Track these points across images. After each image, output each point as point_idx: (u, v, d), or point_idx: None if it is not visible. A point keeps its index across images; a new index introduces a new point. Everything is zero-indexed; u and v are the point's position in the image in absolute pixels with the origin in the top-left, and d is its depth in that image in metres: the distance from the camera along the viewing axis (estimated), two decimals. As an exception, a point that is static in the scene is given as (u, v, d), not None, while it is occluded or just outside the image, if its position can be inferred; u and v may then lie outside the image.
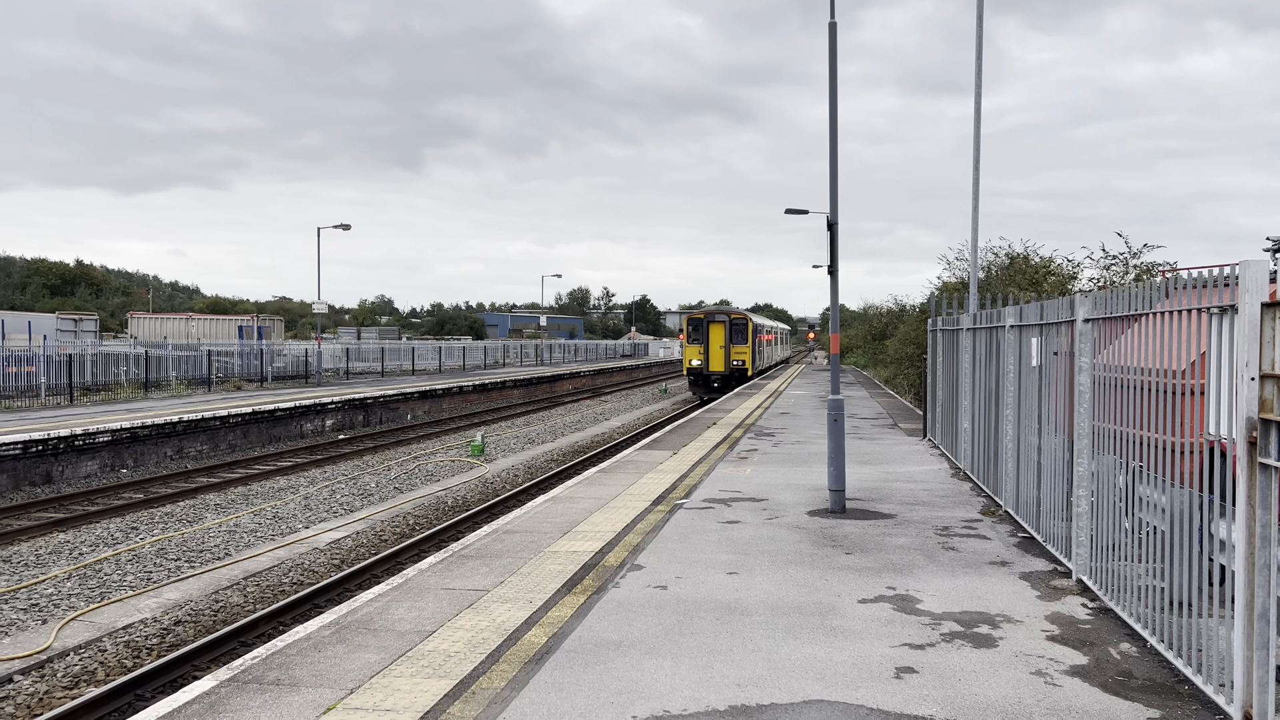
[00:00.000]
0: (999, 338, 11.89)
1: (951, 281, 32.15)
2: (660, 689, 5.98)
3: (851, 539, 10.34)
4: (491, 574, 8.90)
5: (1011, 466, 11.20)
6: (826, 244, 12.63)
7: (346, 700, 5.84)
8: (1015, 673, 6.24)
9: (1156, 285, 6.98)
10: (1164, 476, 6.56)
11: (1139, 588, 6.98)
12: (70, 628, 10.83)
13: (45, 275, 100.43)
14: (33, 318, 52.98)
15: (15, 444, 19.94)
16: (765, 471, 15.45)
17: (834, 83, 12.59)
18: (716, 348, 44.07)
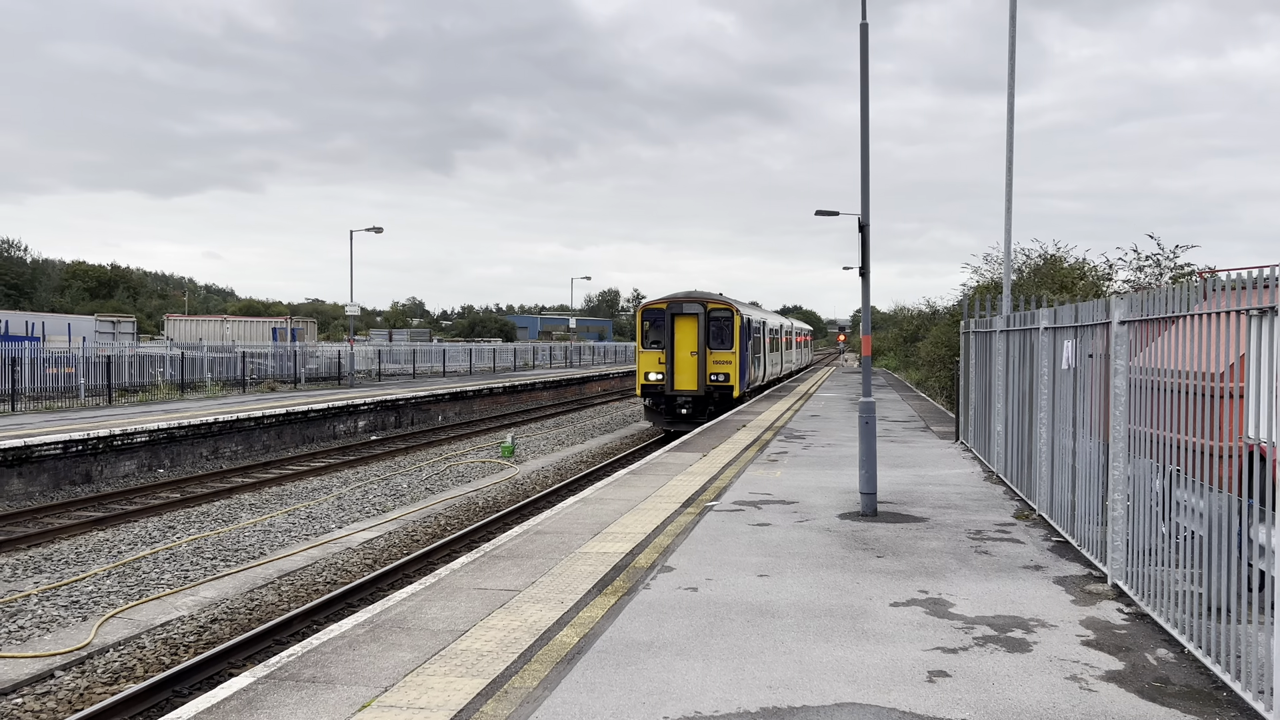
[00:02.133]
0: (1033, 340, 11.79)
1: (981, 284, 31.86)
2: (691, 690, 5.99)
3: (883, 542, 10.30)
4: (523, 574, 8.95)
5: (1045, 470, 11.10)
6: (858, 245, 12.59)
7: (381, 698, 5.90)
8: (1050, 677, 6.19)
9: (1194, 287, 6.90)
10: (1202, 480, 6.48)
11: (1176, 593, 6.90)
12: (110, 625, 11.01)
13: (84, 278, 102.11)
14: (72, 320, 53.96)
15: (56, 444, 20.29)
16: (795, 474, 15.40)
17: (865, 84, 12.54)
18: (685, 354, 29.22)
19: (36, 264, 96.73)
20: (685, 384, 29.26)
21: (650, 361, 29.45)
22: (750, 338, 31.74)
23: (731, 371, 29.20)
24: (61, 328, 49.48)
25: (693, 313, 29.37)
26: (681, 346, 29.33)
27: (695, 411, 29.19)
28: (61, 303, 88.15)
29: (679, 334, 29.37)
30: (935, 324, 48.54)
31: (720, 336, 29.34)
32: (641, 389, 29.73)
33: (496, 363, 63.16)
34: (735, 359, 29.20)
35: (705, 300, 29.71)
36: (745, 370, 30.67)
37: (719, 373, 29.26)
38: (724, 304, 29.73)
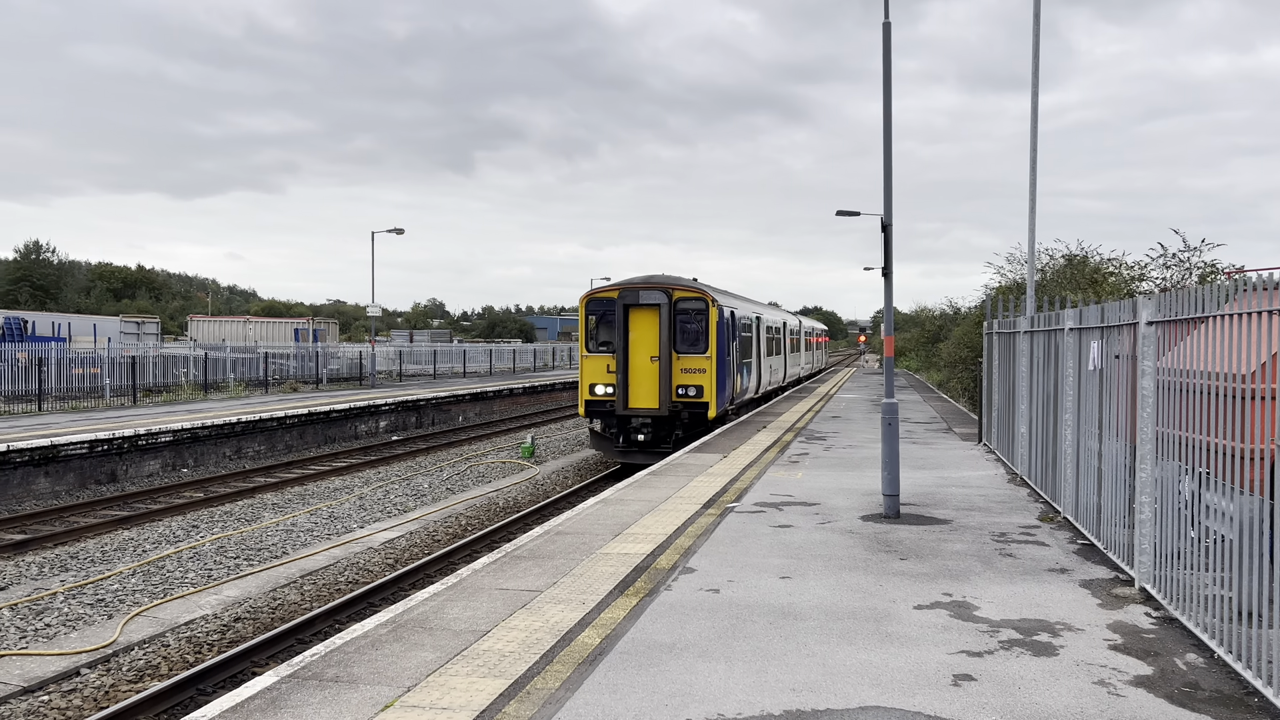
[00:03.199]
0: (1058, 341, 11.68)
1: (1004, 285, 31.63)
2: (714, 692, 5.96)
3: (906, 544, 10.23)
4: (544, 575, 8.95)
5: (1070, 472, 10.99)
6: (880, 245, 12.52)
7: (404, 698, 5.91)
8: (1077, 682, 6.12)
9: (1223, 287, 6.82)
10: (1231, 483, 6.40)
11: (1205, 597, 6.81)
12: (134, 623, 11.10)
13: (109, 279, 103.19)
14: (97, 321, 54.51)
15: (82, 444, 20.49)
16: (817, 475, 15.34)
17: (888, 84, 12.48)
18: (643, 360, 22.33)
19: (63, 265, 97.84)
20: (642, 400, 21.88)
21: (596, 370, 22.25)
22: (736, 337, 24.71)
23: (706, 383, 21.97)
24: (87, 328, 49.98)
25: (652, 304, 21.87)
26: (638, 349, 22.01)
27: (656, 437, 21.91)
28: (87, 303, 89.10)
29: (635, 332, 21.99)
30: (957, 325, 48.23)
31: (691, 336, 22.21)
32: (585, 407, 22.41)
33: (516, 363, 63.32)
34: (711, 366, 22.06)
35: (670, 287, 22.18)
36: (727, 380, 23.38)
37: (689, 385, 21.96)
38: (695, 292, 22.31)
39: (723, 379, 22.87)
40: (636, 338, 22.21)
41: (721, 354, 22.73)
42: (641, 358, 22.14)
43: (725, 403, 23.61)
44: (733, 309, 24.70)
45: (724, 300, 24.18)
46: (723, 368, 22.86)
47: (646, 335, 22.15)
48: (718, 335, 22.40)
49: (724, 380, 23.09)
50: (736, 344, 25.03)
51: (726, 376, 23.44)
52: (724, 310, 23.27)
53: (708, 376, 22.15)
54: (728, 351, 23.52)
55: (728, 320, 23.58)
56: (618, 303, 22.15)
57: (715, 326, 22.33)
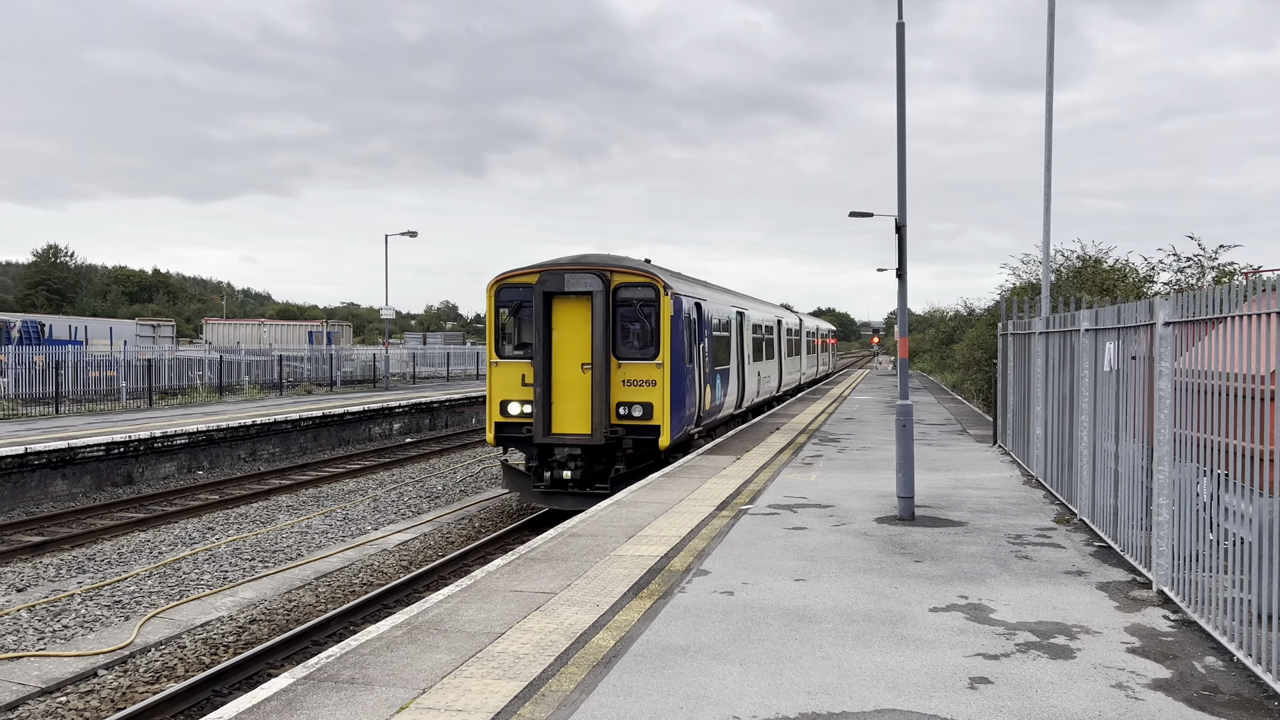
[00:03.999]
0: (1073, 341, 11.62)
1: (1019, 285, 31.50)
2: (729, 695, 5.95)
3: (921, 546, 10.19)
4: (558, 577, 8.95)
5: (1087, 474, 10.93)
6: (893, 246, 12.48)
7: (419, 700, 5.92)
8: (1094, 685, 6.09)
9: (1240, 287, 6.76)
10: (1250, 485, 6.34)
11: (1224, 599, 6.76)
12: (151, 624, 11.16)
13: (124, 283, 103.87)
14: (113, 324, 54.88)
15: (99, 446, 20.62)
16: (831, 477, 15.30)
17: (901, 84, 12.44)
18: (570, 369, 16.83)
19: (79, 269, 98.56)
20: (569, 423, 16.45)
21: (508, 382, 16.91)
22: (704, 338, 19.44)
23: (656, 399, 16.55)
24: (103, 332, 50.33)
25: (582, 291, 16.30)
26: (564, 354, 16.55)
27: (588, 474, 16.44)
28: (103, 307, 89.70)
29: (560, 331, 16.59)
30: (972, 326, 48.05)
31: (637, 335, 16.86)
32: (495, 432, 17.05)
33: (529, 365, 63.27)
34: (663, 376, 16.56)
35: (607, 268, 16.66)
36: (689, 395, 17.89)
37: (633, 402, 16.58)
38: (642, 275, 16.84)
39: (681, 393, 17.22)
40: (563, 338, 16.48)
41: (678, 359, 17.04)
42: (569, 365, 16.45)
43: (687, 424, 17.93)
44: (699, 300, 19.01)
45: (683, 289, 18.21)
46: (681, 378, 17.26)
47: (575, 335, 16.44)
48: (673, 334, 16.75)
49: (683, 394, 17.40)
50: (706, 346, 19.56)
51: (688, 389, 17.86)
52: (682, 301, 17.44)
53: (659, 391, 16.48)
54: (689, 356, 17.94)
55: (689, 315, 18.09)
56: (536, 291, 16.27)
57: (669, 322, 16.62)
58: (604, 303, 16.25)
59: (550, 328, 16.56)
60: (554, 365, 16.51)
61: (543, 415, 16.35)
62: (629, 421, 16.56)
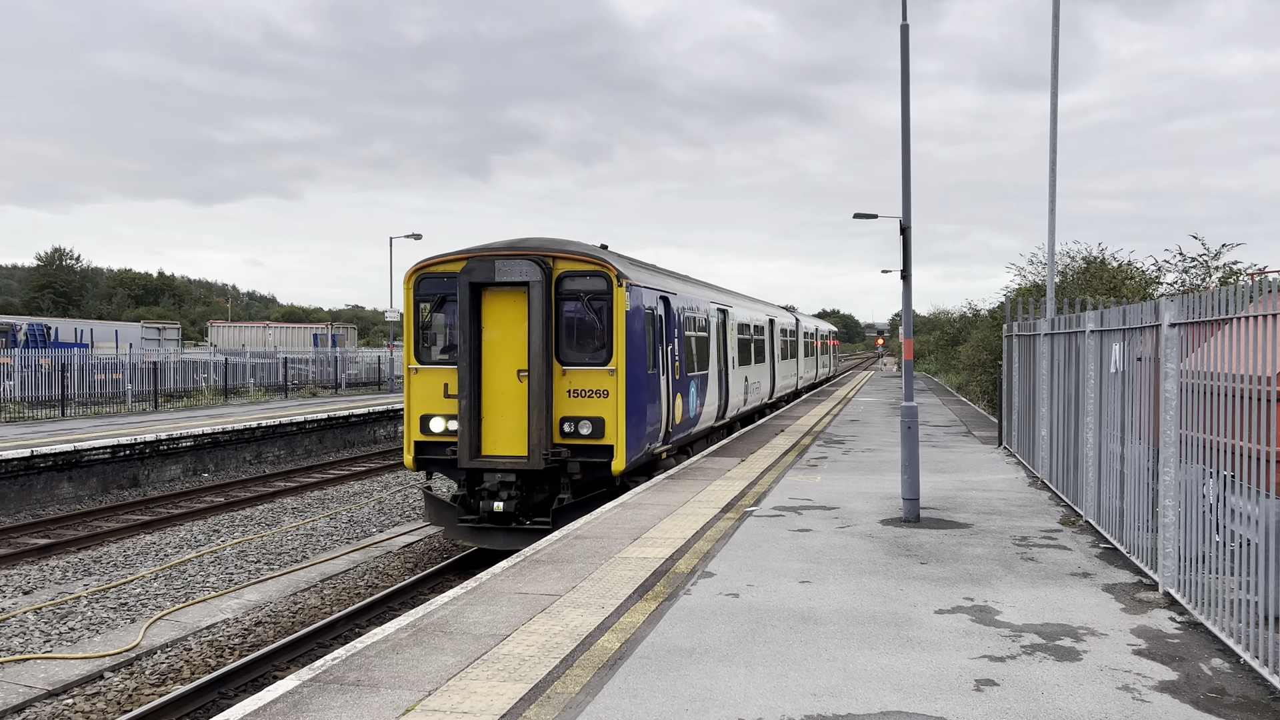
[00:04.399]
0: (1079, 343, 11.60)
1: (1024, 287, 31.48)
2: (734, 697, 5.95)
3: (926, 548, 10.18)
4: (563, 579, 8.95)
5: (1092, 475, 10.91)
6: (898, 248, 12.48)
7: (425, 702, 5.92)
8: (1101, 687, 6.07)
9: (1246, 288, 6.75)
10: (1256, 486, 6.33)
11: (1231, 601, 6.74)
12: (157, 627, 11.18)
13: (130, 286, 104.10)
14: (119, 327, 55.03)
15: (104, 448, 20.67)
16: (836, 479, 15.28)
17: (906, 86, 12.44)
18: (504, 377, 13.86)
19: (85, 272, 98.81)
20: (503, 444, 13.77)
21: (429, 392, 14.19)
22: (673, 339, 16.84)
23: (609, 413, 13.81)
24: (109, 334, 50.47)
25: (517, 282, 13.60)
26: (496, 359, 13.85)
27: (526, 504, 13.74)
28: (109, 310, 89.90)
29: (492, 330, 13.87)
30: (977, 327, 48.00)
31: (586, 335, 14.13)
32: (414, 453, 14.24)
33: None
34: (617, 385, 13.83)
35: (548, 254, 13.91)
36: (651, 407, 15.12)
37: (580, 417, 13.85)
38: (592, 263, 14.05)
39: (640, 405, 14.39)
40: (495, 339, 13.75)
41: (637, 364, 14.27)
42: (502, 373, 13.72)
43: (650, 441, 15.04)
44: (665, 294, 16.39)
45: (645, 279, 15.43)
46: (640, 386, 14.43)
47: (510, 335, 13.70)
48: (629, 333, 13.95)
49: (643, 406, 14.54)
50: (676, 349, 16.90)
51: (650, 401, 15.05)
52: (642, 295, 14.78)
53: (611, 403, 13.72)
54: (651, 360, 15.21)
55: (652, 311, 15.41)
56: (461, 282, 13.57)
57: (624, 320, 13.78)
58: (544, 295, 13.43)
59: (479, 327, 13.74)
60: (484, 372, 13.74)
61: (469, 433, 13.44)
62: (576, 441, 13.75)
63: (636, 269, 15.75)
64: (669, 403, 16.39)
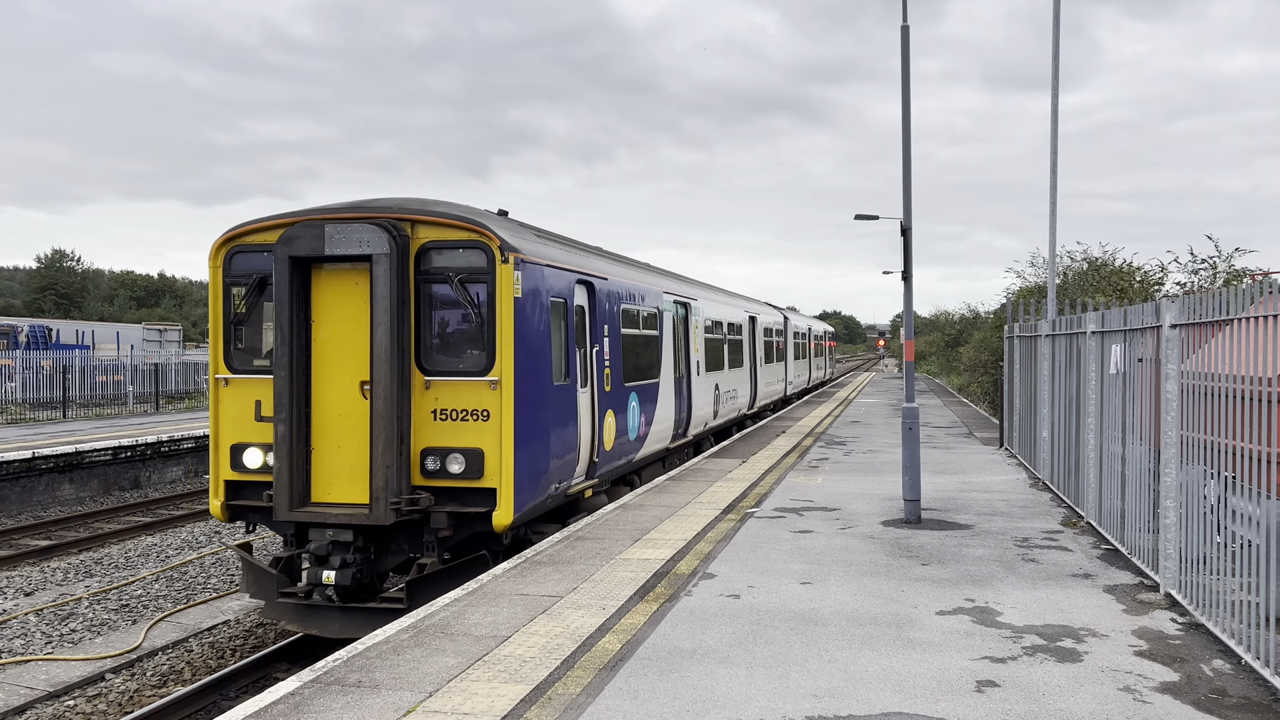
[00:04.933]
0: (1080, 344, 11.60)
1: (1025, 288, 31.49)
2: (736, 698, 5.95)
3: (928, 550, 10.18)
4: (564, 580, 8.96)
5: (1094, 476, 10.91)
6: (899, 249, 12.48)
7: (426, 703, 5.92)
8: (1102, 688, 6.07)
9: (1248, 289, 6.75)
10: (1257, 487, 6.33)
11: (1232, 603, 6.74)
12: (158, 628, 11.19)
13: (131, 287, 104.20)
14: (120, 328, 55.07)
15: (106, 450, 20.68)
16: (837, 480, 15.28)
17: (906, 87, 12.44)
18: (342, 394, 9.92)
19: (86, 273, 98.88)
20: (338, 487, 10.05)
21: (241, 413, 10.48)
22: (602, 338, 13.08)
23: (490, 444, 9.97)
24: (110, 336, 50.49)
25: (357, 256, 9.87)
26: (330, 366, 10.14)
27: (371, 573, 10.14)
28: (110, 311, 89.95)
29: (325, 326, 10.18)
30: (978, 328, 47.99)
31: (457, 332, 10.41)
32: (224, 496, 10.46)
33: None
34: (503, 403, 9.97)
35: (402, 216, 10.15)
36: (557, 433, 11.22)
37: (450, 449, 10.03)
38: (465, 229, 10.16)
39: (539, 428, 10.54)
40: (329, 337, 10.09)
41: (533, 373, 10.43)
42: (339, 386, 10.04)
43: (560, 479, 11.18)
44: (588, 279, 12.49)
45: (550, 255, 11.41)
46: (540, 404, 10.58)
47: (351, 332, 10.01)
48: (521, 330, 10.16)
49: (544, 432, 10.67)
50: (604, 351, 13.04)
51: (559, 422, 11.14)
52: (542, 276, 10.83)
53: (494, 428, 9.91)
54: (560, 368, 11.34)
55: (562, 301, 11.51)
56: (278, 255, 9.90)
57: (513, 310, 10.01)
58: (396, 274, 9.63)
59: (306, 320, 9.98)
60: (315, 385, 9.97)
61: (290, 473, 9.66)
62: (443, 482, 9.88)
63: (542, 242, 11.70)
64: (594, 423, 12.42)
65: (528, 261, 10.47)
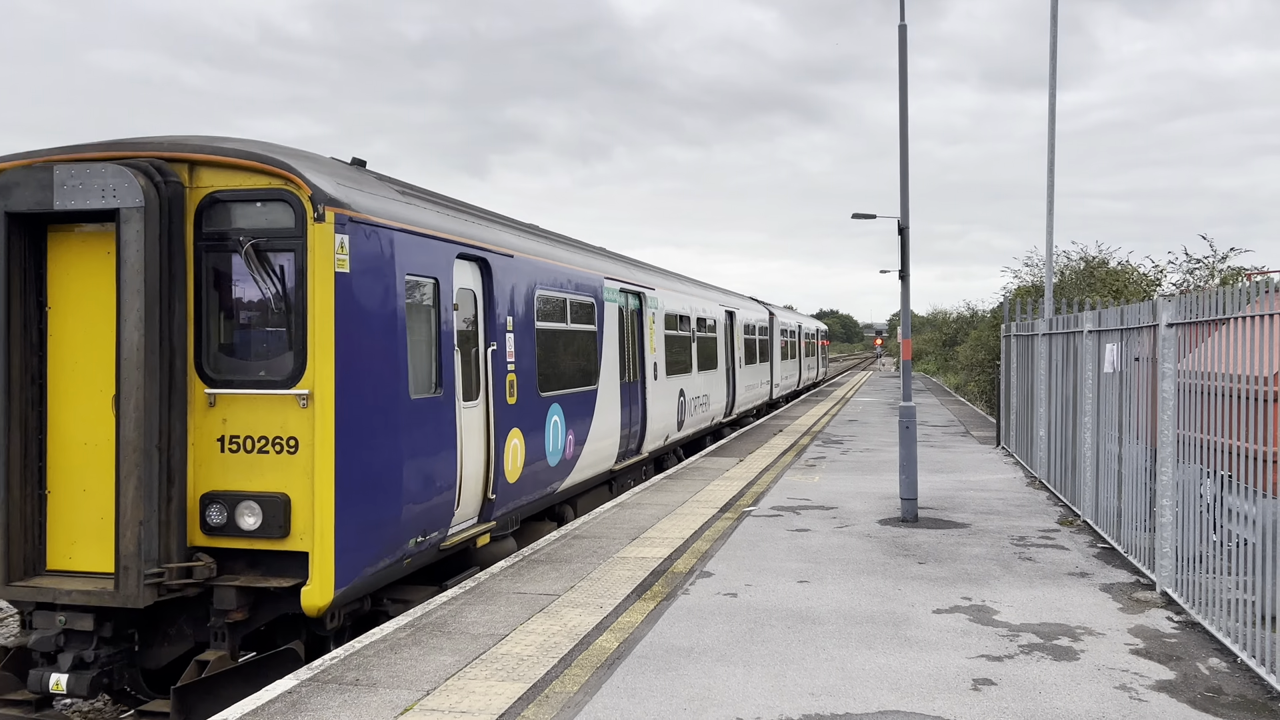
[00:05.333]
0: (1076, 343, 11.62)
1: (1022, 287, 31.53)
2: (733, 696, 5.96)
3: (924, 548, 10.19)
4: (561, 579, 8.96)
5: (1090, 475, 10.93)
6: (897, 248, 12.50)
7: (423, 701, 5.93)
8: (1098, 686, 6.09)
9: (1244, 289, 6.77)
10: (1253, 486, 6.35)
11: (1228, 601, 6.76)
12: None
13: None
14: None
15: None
16: (834, 479, 15.30)
17: (904, 86, 12.45)
18: (83, 411, 7.05)
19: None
20: (78, 549, 7.10)
21: None
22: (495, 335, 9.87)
23: (298, 487, 7.02)
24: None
25: (100, 211, 6.87)
26: (70, 370, 7.19)
27: (119, 674, 7.15)
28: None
29: (64, 313, 7.24)
30: (975, 327, 48.04)
31: (251, 320, 7.33)
32: None
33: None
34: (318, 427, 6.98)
35: (174, 157, 7.14)
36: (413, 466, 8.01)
37: (241, 494, 7.08)
38: (261, 171, 7.11)
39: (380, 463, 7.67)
40: (68, 332, 7.32)
41: (371, 381, 7.61)
42: (83, 400, 7.27)
43: (421, 530, 8.26)
44: (479, 253, 9.66)
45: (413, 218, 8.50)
46: (385, 426, 7.76)
47: (98, 327, 7.23)
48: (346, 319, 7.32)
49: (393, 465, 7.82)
50: (512, 350, 10.28)
51: (420, 452, 8.25)
52: (392, 245, 7.96)
53: (302, 463, 7.11)
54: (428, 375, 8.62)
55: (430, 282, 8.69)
56: None
57: (331, 290, 7.19)
58: (151, 238, 6.90)
59: (40, 307, 7.32)
60: (51, 401, 7.30)
61: (8, 528, 7.03)
62: (234, 542, 7.17)
63: (404, 200, 8.51)
64: (488, 448, 9.54)
65: (364, 222, 7.49)
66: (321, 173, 7.45)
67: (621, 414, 14.47)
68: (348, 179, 7.87)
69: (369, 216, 7.66)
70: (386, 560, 7.74)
